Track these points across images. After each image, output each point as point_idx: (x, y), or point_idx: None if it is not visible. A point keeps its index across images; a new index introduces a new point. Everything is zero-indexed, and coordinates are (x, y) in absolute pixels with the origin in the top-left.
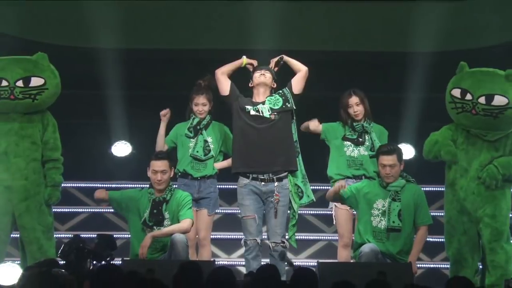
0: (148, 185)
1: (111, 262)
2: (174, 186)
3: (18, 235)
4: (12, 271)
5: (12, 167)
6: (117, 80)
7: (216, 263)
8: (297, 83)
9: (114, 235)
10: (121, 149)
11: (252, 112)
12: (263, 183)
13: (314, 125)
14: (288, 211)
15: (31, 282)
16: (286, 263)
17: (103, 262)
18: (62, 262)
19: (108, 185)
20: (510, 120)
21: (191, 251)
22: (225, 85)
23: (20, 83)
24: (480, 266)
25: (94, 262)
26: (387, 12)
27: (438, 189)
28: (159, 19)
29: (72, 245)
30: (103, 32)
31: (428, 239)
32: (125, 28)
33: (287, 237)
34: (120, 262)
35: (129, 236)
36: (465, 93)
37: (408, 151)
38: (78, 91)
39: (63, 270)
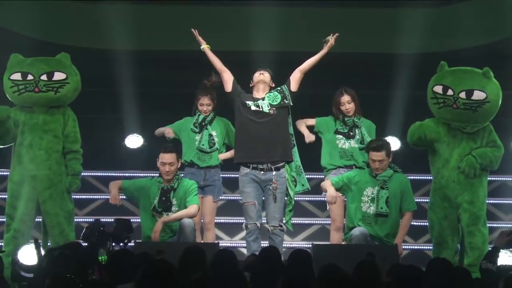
0: (157, 174)
1: (128, 244)
2: (181, 175)
3: (41, 220)
4: (34, 252)
5: (37, 158)
6: (130, 79)
7: (220, 245)
8: (296, 82)
9: None
10: (134, 141)
11: (253, 108)
12: (262, 172)
13: (309, 121)
14: (285, 198)
15: (52, 263)
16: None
17: (121, 244)
18: (84, 244)
19: (122, 174)
20: (487, 113)
21: (196, 234)
22: (228, 83)
23: (44, 77)
24: (459, 247)
25: (113, 244)
26: (376, 17)
27: (422, 177)
28: (167, 24)
29: (94, 228)
30: (118, 35)
31: (412, 223)
32: (137, 31)
33: (284, 221)
34: (133, 244)
35: (140, 220)
36: (447, 89)
37: (394, 143)
38: (95, 89)
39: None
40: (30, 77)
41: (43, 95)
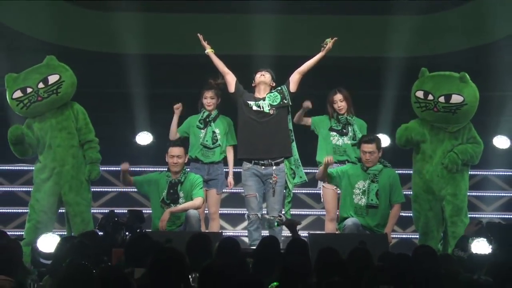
0: (166, 169)
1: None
2: (188, 169)
3: (64, 211)
4: (53, 240)
5: (57, 156)
6: (141, 81)
7: (223, 234)
8: (294, 83)
9: None
10: (144, 138)
11: (254, 108)
12: (263, 167)
13: (306, 120)
14: (284, 190)
15: (69, 250)
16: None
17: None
18: (100, 233)
19: (133, 169)
20: (466, 114)
21: (201, 224)
22: (231, 84)
23: (41, 85)
24: (442, 236)
25: (127, 233)
26: (368, 24)
27: (410, 172)
28: (175, 30)
29: (109, 219)
30: (130, 41)
31: (401, 214)
32: (147, 37)
33: (283, 212)
34: None
35: (150, 211)
36: (427, 94)
37: (384, 140)
38: (109, 90)
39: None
40: (29, 90)
41: (47, 100)
